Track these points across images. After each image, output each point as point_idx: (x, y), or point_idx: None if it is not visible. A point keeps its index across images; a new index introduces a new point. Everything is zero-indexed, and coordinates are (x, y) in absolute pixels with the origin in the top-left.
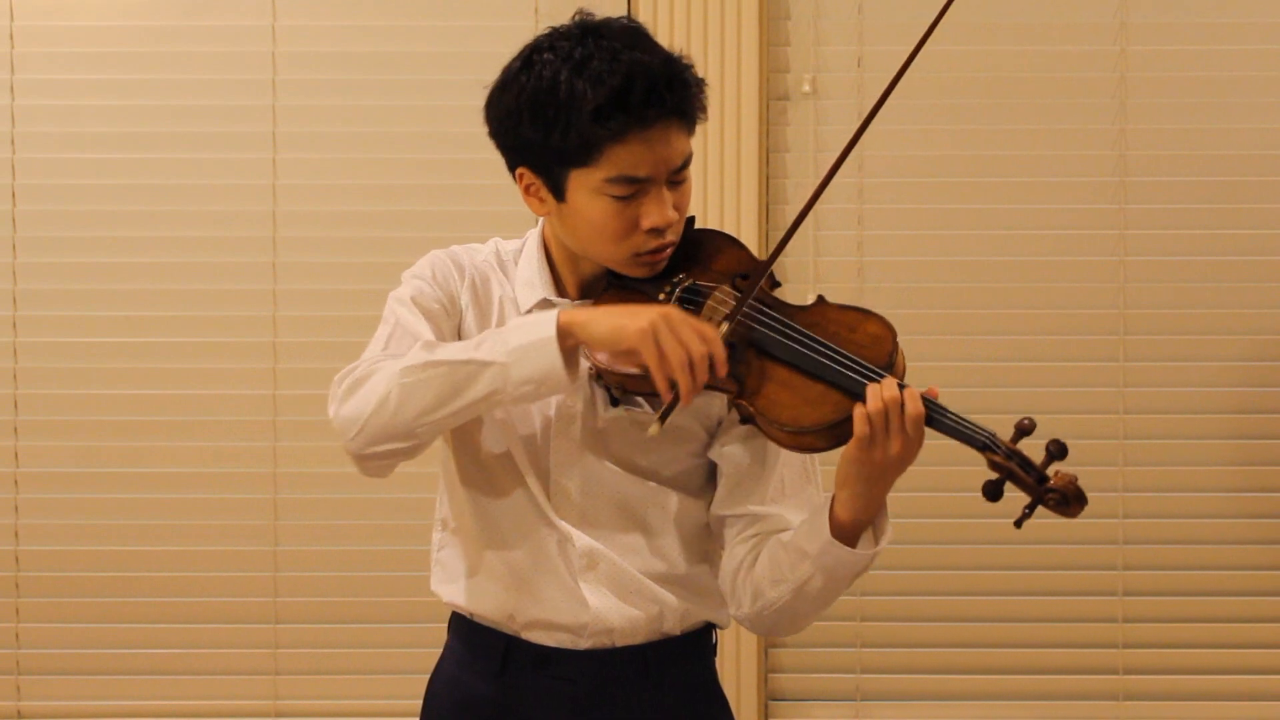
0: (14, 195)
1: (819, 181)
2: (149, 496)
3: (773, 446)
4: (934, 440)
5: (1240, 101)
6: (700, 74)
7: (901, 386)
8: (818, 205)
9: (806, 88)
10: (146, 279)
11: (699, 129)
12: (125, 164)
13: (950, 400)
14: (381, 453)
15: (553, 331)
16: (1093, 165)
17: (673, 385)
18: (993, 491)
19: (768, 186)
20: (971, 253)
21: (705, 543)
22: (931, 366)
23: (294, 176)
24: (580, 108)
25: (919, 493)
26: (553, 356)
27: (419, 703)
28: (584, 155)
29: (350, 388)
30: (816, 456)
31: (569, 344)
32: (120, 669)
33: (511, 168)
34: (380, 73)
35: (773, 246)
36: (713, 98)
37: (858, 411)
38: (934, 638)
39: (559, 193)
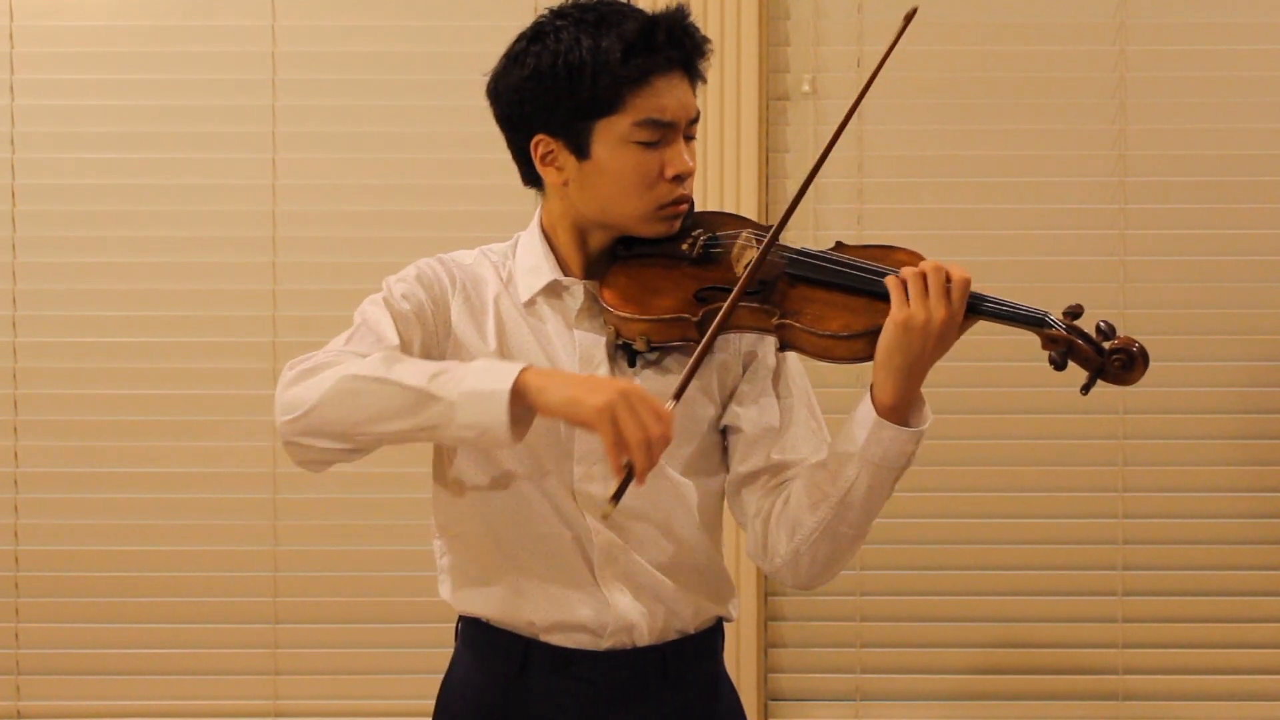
0: (14, 195)
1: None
2: (149, 496)
3: (784, 401)
4: (934, 440)
5: (1240, 101)
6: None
7: None
8: (817, 206)
9: (806, 88)
10: (146, 279)
11: (699, 129)
12: (125, 164)
13: (951, 398)
14: (317, 447)
15: (508, 388)
16: (1093, 165)
17: (628, 464)
18: (1060, 362)
19: (768, 186)
20: (971, 253)
21: (718, 528)
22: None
23: (294, 176)
24: (607, 55)
25: (919, 493)
26: (499, 413)
27: (419, 703)
28: (611, 103)
29: (302, 374)
30: (822, 417)
31: (521, 404)
32: (120, 669)
33: (525, 141)
34: (380, 73)
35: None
36: (713, 98)
37: (904, 269)
38: (934, 638)
39: (582, 151)
